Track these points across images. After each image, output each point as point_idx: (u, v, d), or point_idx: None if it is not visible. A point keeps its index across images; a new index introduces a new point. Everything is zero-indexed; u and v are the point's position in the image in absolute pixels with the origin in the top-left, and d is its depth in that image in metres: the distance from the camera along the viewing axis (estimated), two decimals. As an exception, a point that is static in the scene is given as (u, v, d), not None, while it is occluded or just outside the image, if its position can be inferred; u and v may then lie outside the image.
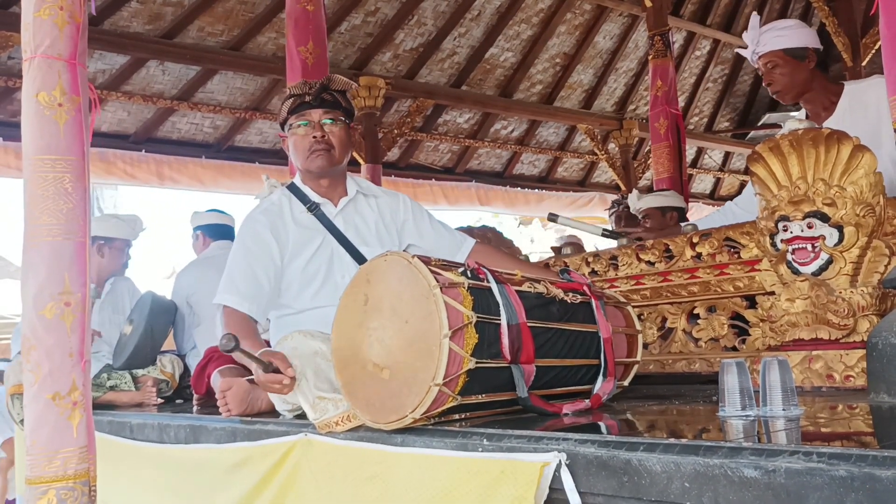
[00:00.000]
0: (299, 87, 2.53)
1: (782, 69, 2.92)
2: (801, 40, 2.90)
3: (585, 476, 1.41)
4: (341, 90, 2.57)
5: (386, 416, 1.78)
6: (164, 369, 3.89)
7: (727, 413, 1.62)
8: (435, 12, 7.83)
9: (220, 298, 2.42)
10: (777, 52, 2.91)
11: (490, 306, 1.79)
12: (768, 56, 2.94)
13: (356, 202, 2.61)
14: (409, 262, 1.75)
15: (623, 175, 9.65)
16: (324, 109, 2.50)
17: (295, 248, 2.48)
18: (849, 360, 2.05)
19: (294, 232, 2.50)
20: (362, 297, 1.86)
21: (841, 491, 1.08)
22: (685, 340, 2.63)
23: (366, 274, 1.89)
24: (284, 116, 2.56)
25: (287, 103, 2.54)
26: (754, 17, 3.08)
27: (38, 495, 1.87)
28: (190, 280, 4.12)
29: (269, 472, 2.16)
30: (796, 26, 2.96)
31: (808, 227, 2.12)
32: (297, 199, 2.57)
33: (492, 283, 1.83)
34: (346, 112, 2.56)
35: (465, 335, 1.69)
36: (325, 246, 2.50)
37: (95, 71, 6.52)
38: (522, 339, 1.80)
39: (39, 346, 1.91)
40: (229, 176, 7.47)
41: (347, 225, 2.54)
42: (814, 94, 2.95)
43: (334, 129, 2.51)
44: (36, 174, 1.95)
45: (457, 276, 1.78)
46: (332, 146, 2.51)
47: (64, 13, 1.98)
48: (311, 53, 4.29)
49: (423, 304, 1.70)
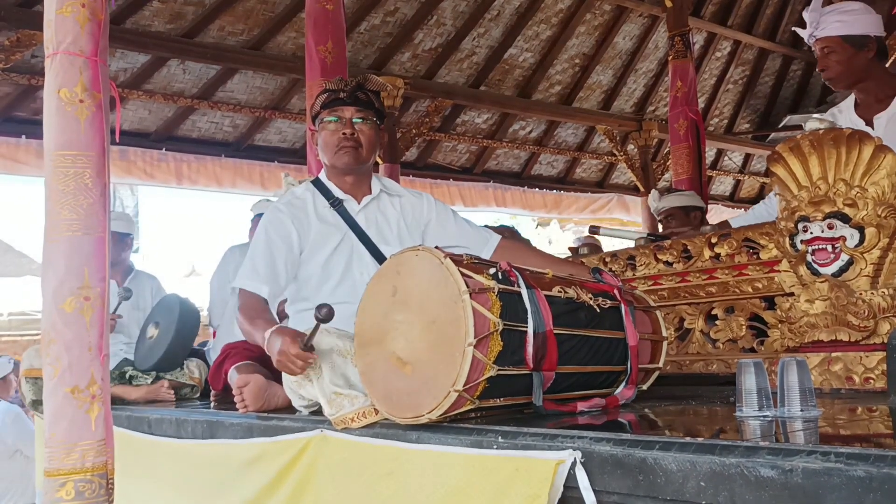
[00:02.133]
0: (335, 84, 2.54)
1: (839, 56, 2.78)
2: (864, 27, 2.76)
3: (600, 474, 1.40)
4: (376, 91, 2.58)
5: (402, 411, 1.79)
6: (193, 375, 3.91)
7: (745, 414, 1.60)
8: (454, 12, 7.83)
9: (238, 282, 2.44)
10: (835, 38, 2.77)
11: (518, 312, 1.77)
12: (825, 41, 2.79)
13: (379, 201, 2.62)
14: (441, 261, 1.74)
15: (642, 176, 9.61)
16: (357, 108, 2.51)
17: (316, 243, 2.50)
18: (868, 363, 2.03)
19: (316, 226, 2.51)
20: (391, 288, 1.86)
21: (859, 491, 1.07)
22: (703, 341, 2.61)
23: (396, 265, 1.88)
24: (317, 110, 2.56)
25: (321, 98, 2.55)
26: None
27: (56, 487, 1.88)
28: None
29: (285, 468, 2.17)
30: (861, 11, 2.80)
31: (828, 228, 2.10)
32: (320, 194, 2.58)
33: (522, 289, 1.81)
34: (378, 113, 2.57)
35: (489, 343, 1.68)
36: (346, 242, 2.51)
37: (117, 70, 6.57)
38: (548, 347, 1.79)
39: (59, 339, 1.93)
40: (248, 176, 7.50)
41: (369, 223, 2.55)
42: (869, 85, 2.82)
43: (364, 128, 2.52)
44: (56, 170, 1.96)
45: (487, 280, 1.75)
46: (360, 144, 2.52)
47: (86, 10, 2.00)
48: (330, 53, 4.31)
49: (451, 307, 1.69)
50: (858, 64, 2.79)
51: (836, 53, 2.79)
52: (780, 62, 10.50)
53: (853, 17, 2.77)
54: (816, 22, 2.80)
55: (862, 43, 2.76)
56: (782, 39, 10.00)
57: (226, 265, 4.25)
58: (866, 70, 2.80)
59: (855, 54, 2.77)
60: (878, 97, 2.84)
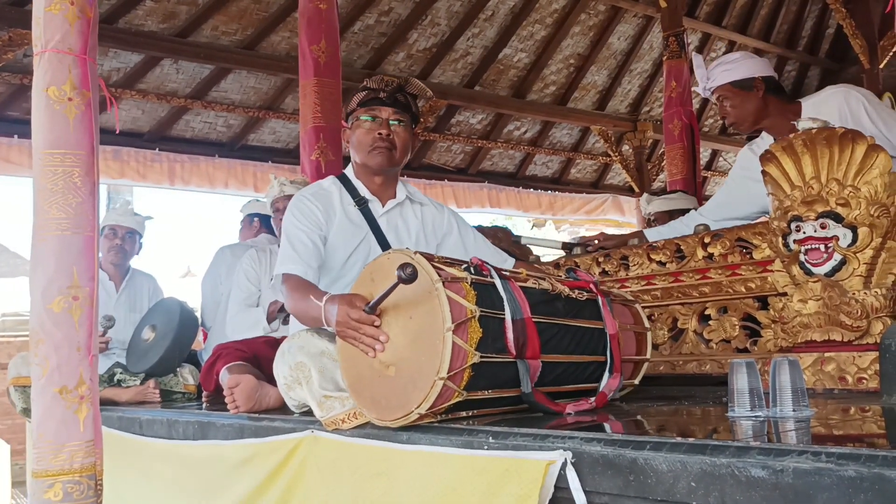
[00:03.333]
0: (375, 82, 2.49)
1: (732, 101, 2.96)
2: (747, 71, 2.94)
3: (591, 475, 1.40)
4: (415, 94, 2.55)
5: (392, 413, 1.78)
6: (186, 381, 3.88)
7: (737, 414, 1.60)
8: (448, 12, 7.83)
9: (281, 268, 2.35)
10: (724, 85, 2.96)
11: (494, 301, 1.78)
12: (718, 90, 2.99)
13: (403, 207, 2.59)
14: (412, 258, 1.75)
15: (637, 177, 9.62)
16: (395, 109, 2.47)
17: (337, 236, 2.46)
18: (861, 362, 2.03)
19: (341, 220, 2.47)
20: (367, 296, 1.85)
21: (850, 491, 1.06)
22: (696, 341, 2.61)
23: (370, 273, 1.89)
24: (353, 107, 2.52)
25: (359, 95, 2.51)
26: (696, 56, 3.18)
27: (44, 488, 1.87)
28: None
29: (276, 469, 2.16)
30: (742, 58, 3.01)
31: (821, 228, 2.10)
32: (346, 191, 2.54)
33: (495, 279, 1.82)
34: (414, 117, 2.54)
35: (468, 329, 1.69)
36: (365, 243, 2.47)
37: (110, 69, 6.56)
38: (528, 334, 1.79)
39: (47, 339, 1.92)
40: (241, 177, 7.48)
41: (389, 227, 2.52)
42: (772, 121, 2.96)
43: (399, 130, 2.48)
44: (45, 168, 1.95)
45: (459, 272, 1.77)
46: (394, 146, 2.48)
47: (74, 8, 1.99)
48: (323, 52, 4.30)
49: (425, 299, 1.70)
50: (752, 105, 2.95)
51: (728, 100, 2.98)
52: (775, 63, 10.50)
53: (735, 64, 2.97)
54: (706, 77, 3.03)
55: (749, 85, 2.94)
56: (777, 40, 10.02)
57: (217, 266, 4.23)
58: (763, 109, 2.95)
59: (746, 96, 2.94)
60: (787, 128, 2.94)
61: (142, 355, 3.84)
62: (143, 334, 3.90)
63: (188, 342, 3.93)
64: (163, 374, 3.81)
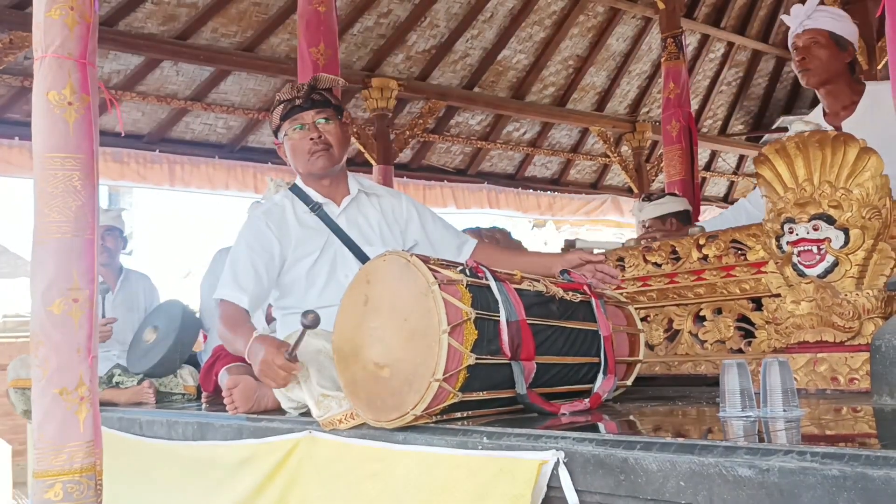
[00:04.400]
0: (288, 92, 2.54)
1: (822, 49, 2.90)
2: (849, 33, 2.91)
3: (583, 474, 1.42)
4: (328, 88, 2.58)
5: (387, 414, 1.79)
6: (186, 383, 3.90)
7: (728, 414, 1.61)
8: (447, 14, 7.85)
9: (219, 293, 2.44)
10: (825, 31, 2.89)
11: (489, 303, 1.80)
12: (814, 32, 2.91)
13: (359, 201, 2.62)
14: (408, 260, 1.77)
15: (636, 178, 9.63)
16: (315, 109, 2.51)
17: (298, 249, 2.49)
18: (853, 363, 2.05)
19: (297, 232, 2.51)
20: (362, 298, 1.88)
21: (833, 490, 1.08)
22: (691, 342, 2.63)
23: (365, 275, 1.91)
24: (278, 123, 2.56)
25: (278, 110, 2.55)
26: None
27: (44, 489, 1.89)
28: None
29: (273, 469, 2.18)
30: (848, 19, 2.96)
31: (813, 230, 2.12)
32: (299, 200, 2.58)
33: (490, 281, 1.84)
34: (337, 109, 2.57)
35: (464, 331, 1.71)
36: (329, 246, 2.51)
37: (110, 71, 6.58)
38: (522, 336, 1.81)
39: (47, 341, 1.93)
40: (241, 178, 7.50)
41: (350, 224, 2.55)
42: (837, 88, 2.95)
43: (329, 128, 2.52)
44: (45, 172, 1.97)
45: (455, 274, 1.79)
46: (330, 145, 2.52)
47: (74, 13, 2.00)
48: (322, 55, 4.31)
49: (421, 301, 1.72)
50: (836, 64, 2.92)
51: (821, 47, 2.90)
52: (774, 63, 10.53)
53: (843, 20, 2.93)
54: (810, 11, 2.92)
55: (844, 45, 2.91)
56: (775, 41, 10.02)
57: (216, 268, 4.24)
58: (839, 73, 2.93)
59: (836, 53, 2.90)
60: (843, 103, 2.98)
61: (142, 355, 3.87)
62: (145, 335, 3.93)
63: (189, 344, 3.95)
64: (163, 374, 3.83)
